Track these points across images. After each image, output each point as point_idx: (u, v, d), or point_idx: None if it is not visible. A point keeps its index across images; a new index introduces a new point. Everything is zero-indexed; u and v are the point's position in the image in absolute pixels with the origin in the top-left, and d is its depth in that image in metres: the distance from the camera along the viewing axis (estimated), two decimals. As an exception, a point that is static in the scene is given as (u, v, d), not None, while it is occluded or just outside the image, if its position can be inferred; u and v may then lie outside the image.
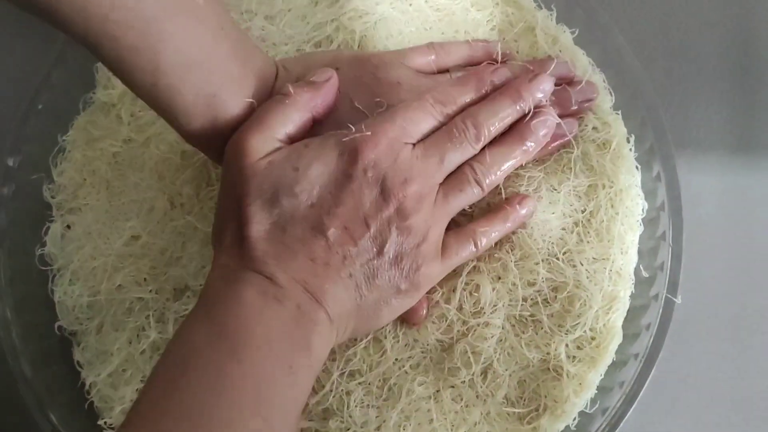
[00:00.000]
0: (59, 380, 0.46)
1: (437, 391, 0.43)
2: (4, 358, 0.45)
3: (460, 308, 0.43)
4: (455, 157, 0.41)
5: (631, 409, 0.42)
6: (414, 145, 0.41)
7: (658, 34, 0.54)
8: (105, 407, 0.45)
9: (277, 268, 0.38)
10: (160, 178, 0.47)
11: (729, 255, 0.50)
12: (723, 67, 0.53)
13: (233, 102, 0.40)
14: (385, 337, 0.43)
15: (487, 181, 0.42)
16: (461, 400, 0.43)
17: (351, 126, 0.40)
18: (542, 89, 0.43)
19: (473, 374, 0.43)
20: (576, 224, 0.44)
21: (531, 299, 0.43)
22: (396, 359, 0.43)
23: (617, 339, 0.43)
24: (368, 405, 0.42)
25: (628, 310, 0.44)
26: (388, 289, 0.40)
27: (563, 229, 0.44)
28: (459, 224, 0.43)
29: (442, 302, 0.44)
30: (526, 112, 0.42)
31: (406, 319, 0.43)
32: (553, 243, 0.44)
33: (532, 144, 0.43)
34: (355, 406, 0.42)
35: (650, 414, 0.48)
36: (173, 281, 0.45)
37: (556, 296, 0.43)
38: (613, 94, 0.46)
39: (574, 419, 0.42)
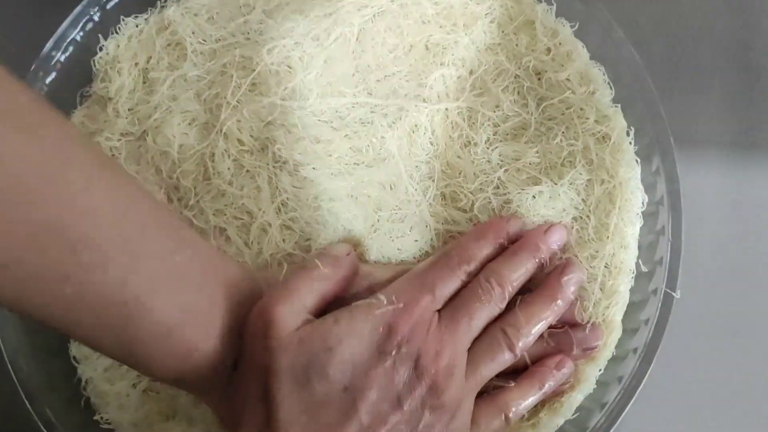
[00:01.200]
0: (56, 375, 0.46)
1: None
2: (0, 354, 0.45)
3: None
4: (483, 319, 0.39)
5: (630, 404, 0.42)
6: (440, 312, 0.39)
7: (657, 28, 0.54)
8: (101, 403, 0.45)
9: None
10: (157, 171, 0.46)
11: (729, 250, 0.51)
12: (723, 61, 0.53)
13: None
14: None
15: (521, 344, 0.40)
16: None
17: (380, 296, 0.38)
18: (558, 240, 0.43)
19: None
20: (575, 219, 0.44)
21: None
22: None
23: (617, 333, 0.43)
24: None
25: (627, 305, 0.44)
26: None
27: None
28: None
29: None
30: (545, 264, 0.42)
31: None
32: (552, 238, 0.44)
33: (562, 302, 0.41)
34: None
35: (649, 408, 0.48)
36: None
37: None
38: (612, 87, 0.46)
39: (574, 414, 0.42)
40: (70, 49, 0.48)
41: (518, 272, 0.41)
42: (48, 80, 0.48)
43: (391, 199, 0.45)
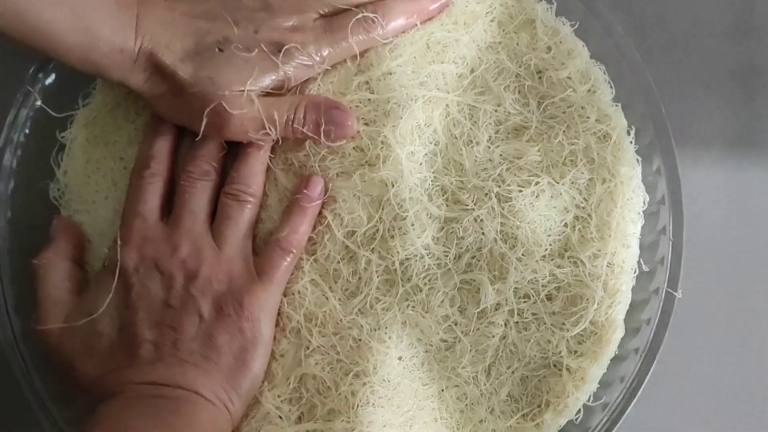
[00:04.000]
0: (58, 371, 0.45)
1: (442, 390, 0.44)
2: (5, 355, 0.45)
3: (463, 310, 0.44)
4: (199, 199, 0.43)
5: (632, 404, 0.43)
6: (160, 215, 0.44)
7: (657, 27, 0.53)
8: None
9: (122, 384, 0.40)
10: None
11: (730, 249, 0.51)
12: (723, 60, 0.53)
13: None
14: (390, 338, 0.44)
15: (250, 191, 0.44)
16: (466, 398, 0.44)
17: (105, 249, 0.45)
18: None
19: (477, 373, 0.43)
20: (577, 218, 0.45)
21: (533, 296, 0.44)
22: (400, 358, 0.44)
23: (619, 332, 0.44)
24: (373, 404, 0.43)
25: (629, 305, 0.44)
26: (235, 339, 0.41)
27: (565, 224, 0.44)
28: None
29: (447, 303, 0.44)
30: None
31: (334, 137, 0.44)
32: (555, 238, 0.44)
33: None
34: (360, 406, 0.43)
35: (651, 408, 0.49)
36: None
37: (558, 293, 0.44)
38: (613, 86, 0.46)
39: (577, 414, 0.43)
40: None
41: (205, 147, 0.44)
42: (48, 82, 0.48)
43: (393, 196, 0.45)
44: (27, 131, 0.48)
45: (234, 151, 0.45)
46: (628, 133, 0.46)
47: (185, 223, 0.43)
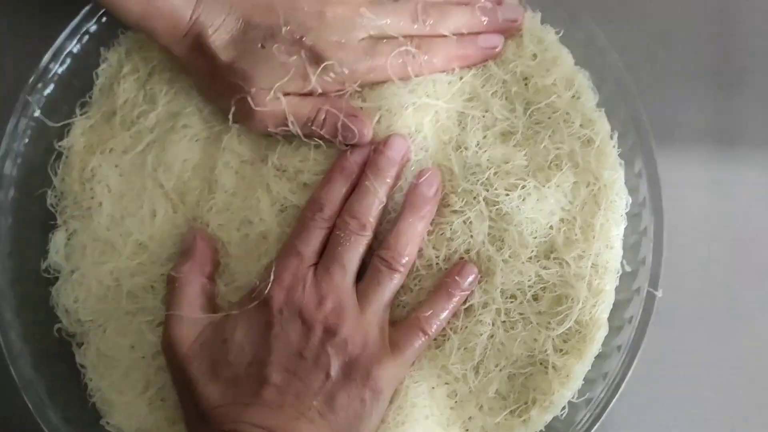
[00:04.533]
0: (60, 379, 0.47)
1: (432, 388, 0.44)
2: (4, 359, 0.46)
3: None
4: (353, 256, 0.43)
5: (615, 399, 0.43)
6: (315, 265, 0.43)
7: (640, 32, 0.54)
8: (107, 410, 0.46)
9: (238, 422, 0.40)
10: (161, 185, 0.47)
11: (711, 248, 0.52)
12: (705, 64, 0.54)
13: None
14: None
15: (403, 261, 0.43)
16: (455, 395, 0.44)
17: (255, 281, 0.43)
18: (398, 151, 0.44)
19: (466, 370, 0.44)
20: (562, 221, 0.45)
21: (520, 296, 0.44)
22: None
23: (603, 330, 0.44)
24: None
25: (612, 304, 0.45)
26: (353, 405, 0.41)
27: (550, 226, 0.45)
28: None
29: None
30: (395, 181, 0.44)
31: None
32: (541, 240, 0.45)
33: (429, 205, 0.44)
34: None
35: (635, 405, 0.49)
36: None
37: (544, 293, 0.44)
38: (596, 92, 0.47)
39: (563, 410, 0.44)
40: (68, 61, 0.49)
41: (368, 200, 0.43)
42: (46, 92, 0.48)
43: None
44: (26, 140, 0.48)
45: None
46: (611, 138, 0.46)
47: (335, 276, 0.42)
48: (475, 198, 0.45)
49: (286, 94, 0.44)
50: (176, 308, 0.43)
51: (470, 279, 0.44)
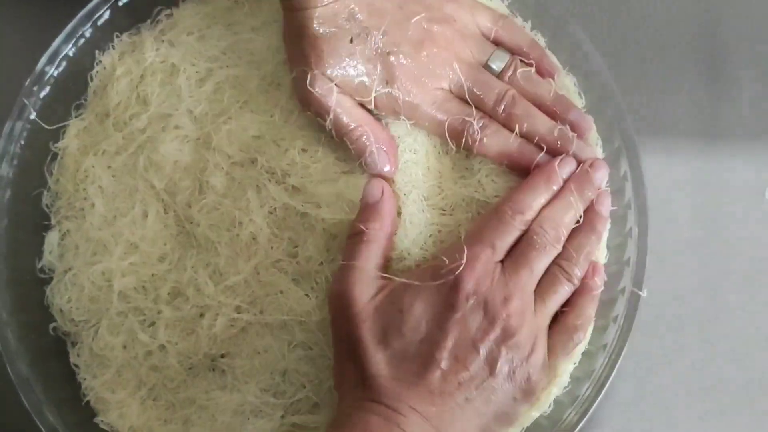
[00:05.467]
0: (55, 378, 0.47)
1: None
2: (1, 358, 0.46)
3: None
4: (543, 263, 0.43)
5: (600, 397, 0.44)
6: (503, 261, 0.43)
7: (627, 34, 0.55)
8: (101, 408, 0.47)
9: (398, 400, 0.40)
10: (152, 186, 0.47)
11: (696, 248, 0.52)
12: (691, 65, 0.55)
13: None
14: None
15: (578, 273, 0.44)
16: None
17: (443, 258, 0.42)
18: (602, 177, 0.45)
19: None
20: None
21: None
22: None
23: (590, 329, 0.45)
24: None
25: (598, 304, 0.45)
26: (506, 403, 0.41)
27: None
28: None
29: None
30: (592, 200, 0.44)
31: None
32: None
33: (601, 226, 0.45)
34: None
35: (620, 402, 0.50)
36: (167, 287, 0.46)
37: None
38: (583, 96, 0.48)
39: (549, 407, 0.44)
40: (63, 64, 0.49)
41: (569, 215, 0.44)
42: (42, 95, 0.49)
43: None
44: (22, 142, 0.48)
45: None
46: (597, 145, 0.47)
47: (523, 277, 0.42)
48: (464, 200, 0.46)
49: (342, 92, 0.44)
50: (357, 261, 0.42)
51: (601, 274, 0.45)
